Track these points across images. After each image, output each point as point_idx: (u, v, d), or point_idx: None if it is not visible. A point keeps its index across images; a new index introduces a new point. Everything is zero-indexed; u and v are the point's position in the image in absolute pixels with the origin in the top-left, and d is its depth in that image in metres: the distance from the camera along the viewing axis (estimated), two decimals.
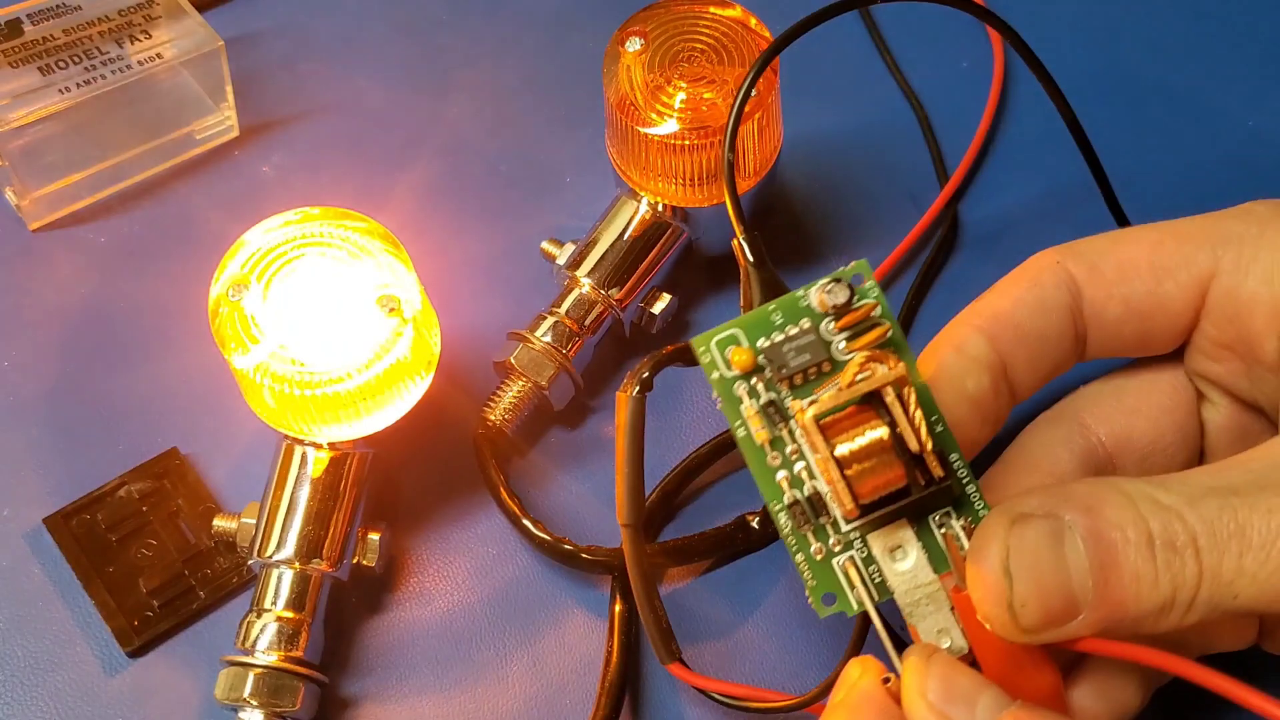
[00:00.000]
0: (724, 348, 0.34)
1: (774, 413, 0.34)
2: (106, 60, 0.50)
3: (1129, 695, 0.35)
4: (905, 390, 0.32)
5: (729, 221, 0.49)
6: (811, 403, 0.34)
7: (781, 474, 0.34)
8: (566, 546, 0.44)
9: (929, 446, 0.32)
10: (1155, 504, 0.31)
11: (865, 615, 0.34)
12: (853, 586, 0.34)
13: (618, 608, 0.44)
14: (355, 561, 0.43)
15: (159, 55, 0.50)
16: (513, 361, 0.46)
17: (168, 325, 0.49)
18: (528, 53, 0.58)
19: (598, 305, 0.47)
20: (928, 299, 0.51)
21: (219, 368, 0.41)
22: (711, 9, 0.48)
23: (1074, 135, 0.46)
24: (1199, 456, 0.39)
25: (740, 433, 0.34)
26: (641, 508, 0.38)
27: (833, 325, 0.34)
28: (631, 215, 0.48)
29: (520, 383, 0.46)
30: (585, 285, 0.47)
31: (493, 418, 0.46)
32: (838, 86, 0.57)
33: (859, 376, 0.33)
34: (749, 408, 0.34)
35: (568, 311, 0.47)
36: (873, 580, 0.34)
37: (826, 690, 0.36)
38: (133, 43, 0.50)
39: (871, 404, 0.33)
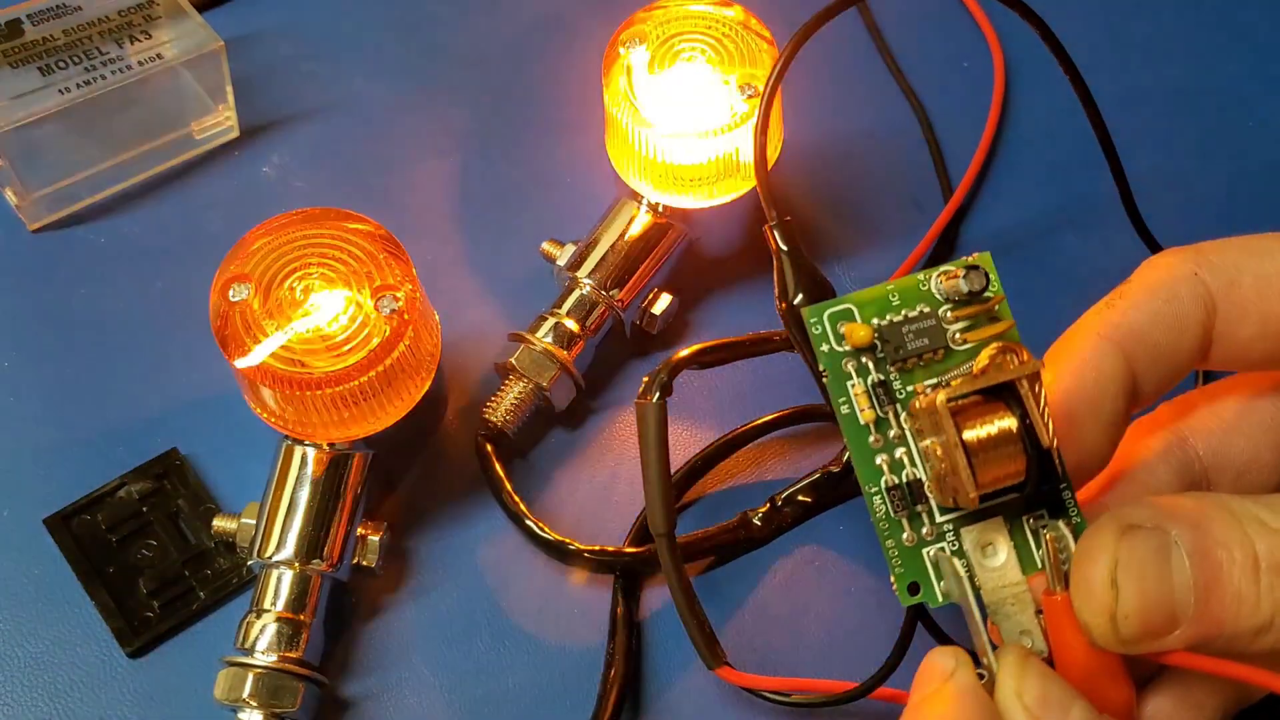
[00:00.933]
0: (836, 321, 0.33)
1: (882, 393, 0.33)
2: (106, 60, 0.50)
3: (1209, 710, 0.35)
4: (1038, 386, 0.32)
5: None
6: (935, 386, 0.33)
7: (881, 456, 0.33)
8: (570, 547, 0.44)
9: (1055, 444, 0.32)
10: (1262, 525, 0.30)
11: (912, 610, 0.34)
12: (941, 578, 0.33)
13: (619, 609, 0.44)
14: (355, 561, 0.43)
15: (159, 55, 0.50)
16: (514, 362, 0.46)
17: (168, 325, 0.49)
18: (527, 53, 0.58)
19: (598, 306, 0.47)
20: None
21: (219, 368, 0.41)
22: (711, 9, 0.48)
23: (1099, 137, 0.45)
24: None
25: (844, 410, 0.33)
26: (673, 515, 0.38)
27: (949, 313, 0.34)
28: (632, 216, 0.48)
29: (521, 384, 0.46)
30: (586, 286, 0.47)
31: (494, 419, 0.46)
32: (838, 87, 0.57)
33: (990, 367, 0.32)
34: (857, 385, 0.33)
35: (569, 312, 0.47)
36: (965, 574, 0.33)
37: (884, 678, 0.36)
38: (133, 43, 0.50)
39: (997, 394, 0.32)
